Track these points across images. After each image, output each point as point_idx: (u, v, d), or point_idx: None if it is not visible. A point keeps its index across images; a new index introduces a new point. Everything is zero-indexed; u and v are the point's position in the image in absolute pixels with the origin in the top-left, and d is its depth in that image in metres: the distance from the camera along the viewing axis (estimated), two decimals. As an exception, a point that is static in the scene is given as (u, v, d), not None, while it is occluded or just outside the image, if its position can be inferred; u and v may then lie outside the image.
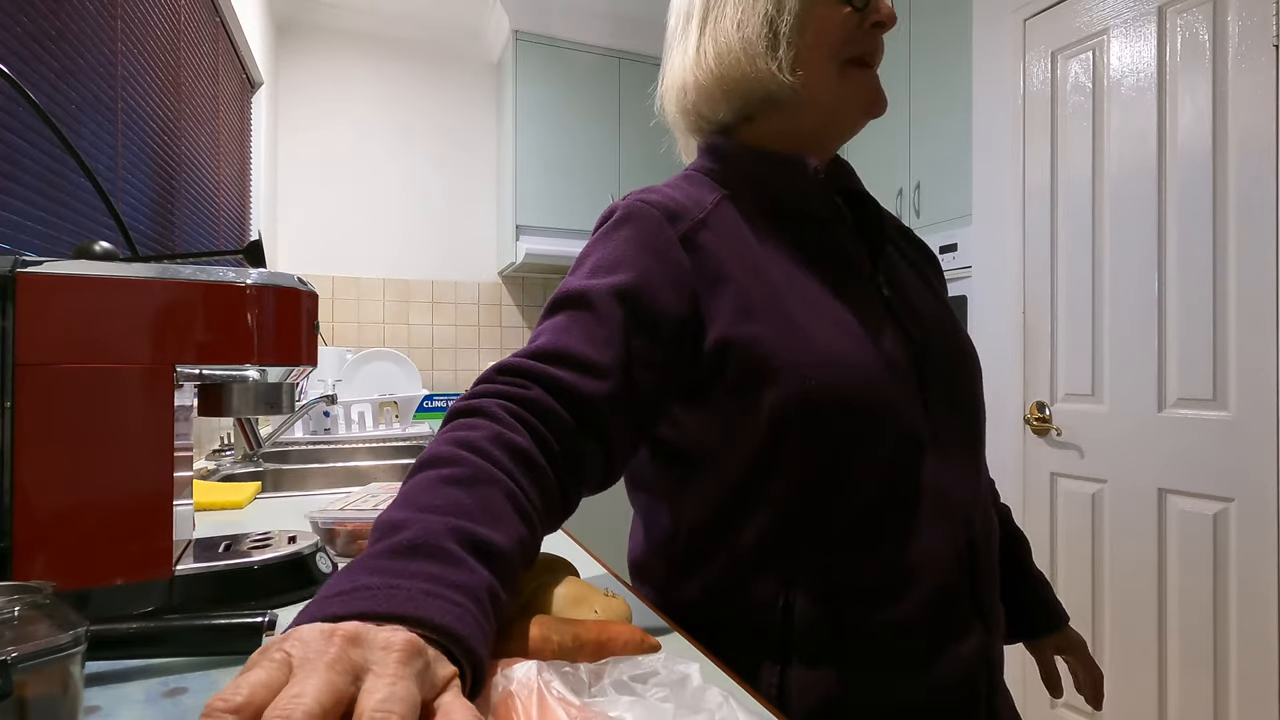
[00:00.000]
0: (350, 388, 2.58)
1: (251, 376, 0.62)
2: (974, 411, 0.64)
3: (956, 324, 0.68)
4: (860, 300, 0.60)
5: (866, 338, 0.57)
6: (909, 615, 0.55)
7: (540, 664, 0.36)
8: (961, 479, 0.59)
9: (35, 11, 1.00)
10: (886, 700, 0.55)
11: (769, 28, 0.58)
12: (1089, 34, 1.73)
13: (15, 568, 0.53)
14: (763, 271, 0.58)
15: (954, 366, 0.62)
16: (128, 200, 1.36)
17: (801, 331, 0.56)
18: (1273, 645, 1.39)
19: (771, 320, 0.56)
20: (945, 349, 0.62)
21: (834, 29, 0.58)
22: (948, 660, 0.56)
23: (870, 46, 0.59)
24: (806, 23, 0.58)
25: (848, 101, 0.60)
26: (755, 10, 0.58)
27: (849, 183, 0.65)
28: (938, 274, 0.75)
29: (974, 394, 0.65)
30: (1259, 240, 1.41)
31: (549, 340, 0.53)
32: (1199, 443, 1.51)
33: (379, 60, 3.07)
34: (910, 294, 0.64)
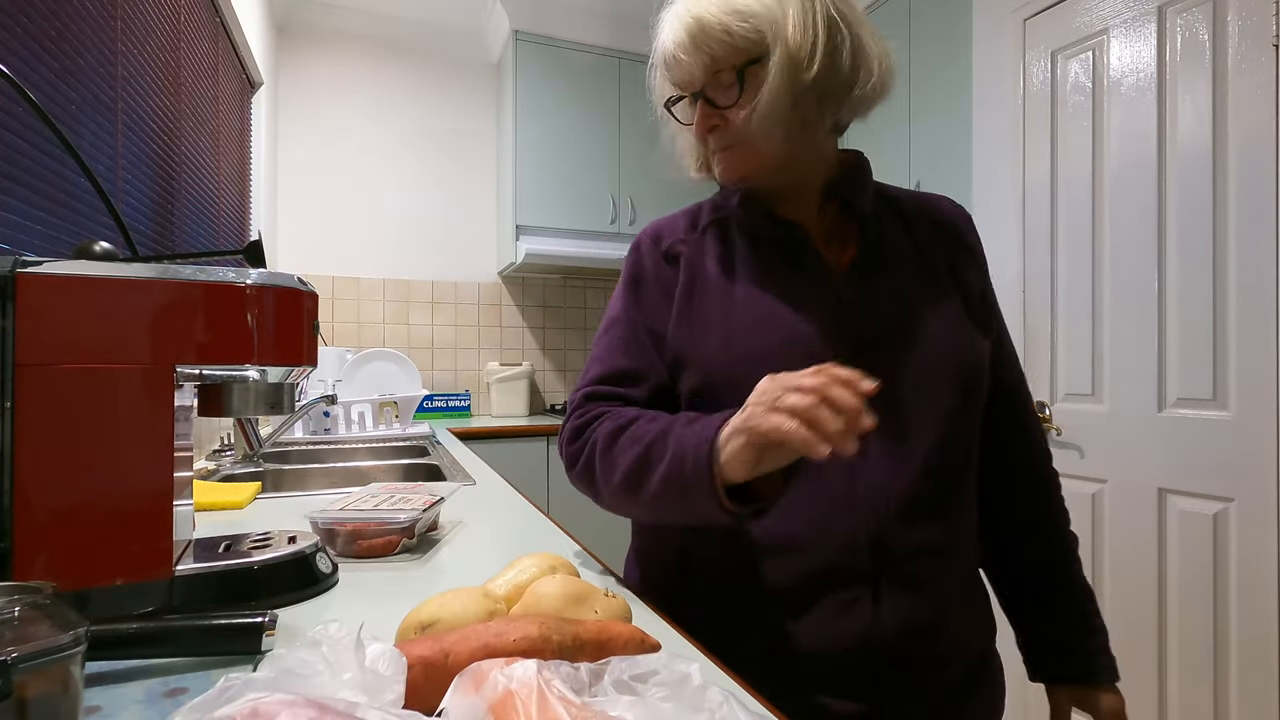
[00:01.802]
0: (350, 388, 2.58)
1: (251, 376, 0.62)
2: (928, 399, 0.67)
3: (935, 328, 0.69)
4: (802, 306, 0.69)
5: (786, 337, 0.68)
6: (779, 582, 0.65)
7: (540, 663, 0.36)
8: (875, 471, 0.65)
9: (35, 11, 1.00)
10: (767, 653, 0.65)
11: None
12: (1089, 34, 1.73)
13: (15, 568, 0.53)
14: (715, 283, 0.73)
15: (914, 359, 0.67)
16: (128, 200, 1.36)
17: (716, 331, 0.71)
18: (1273, 645, 1.39)
19: (697, 324, 0.72)
20: (908, 343, 0.67)
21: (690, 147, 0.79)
22: (824, 639, 0.64)
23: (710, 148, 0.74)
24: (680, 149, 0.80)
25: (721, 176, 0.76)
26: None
27: (852, 196, 0.73)
28: (970, 266, 0.76)
29: (932, 383, 0.67)
30: (1259, 240, 1.41)
31: (602, 365, 0.76)
32: (1199, 443, 1.51)
33: (379, 60, 3.07)
34: (890, 290, 0.70)
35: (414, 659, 0.40)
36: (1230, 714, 1.45)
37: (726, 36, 0.66)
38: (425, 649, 0.42)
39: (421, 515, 0.83)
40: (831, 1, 0.68)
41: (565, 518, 1.25)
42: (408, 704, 0.38)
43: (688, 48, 0.68)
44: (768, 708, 0.47)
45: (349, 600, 0.67)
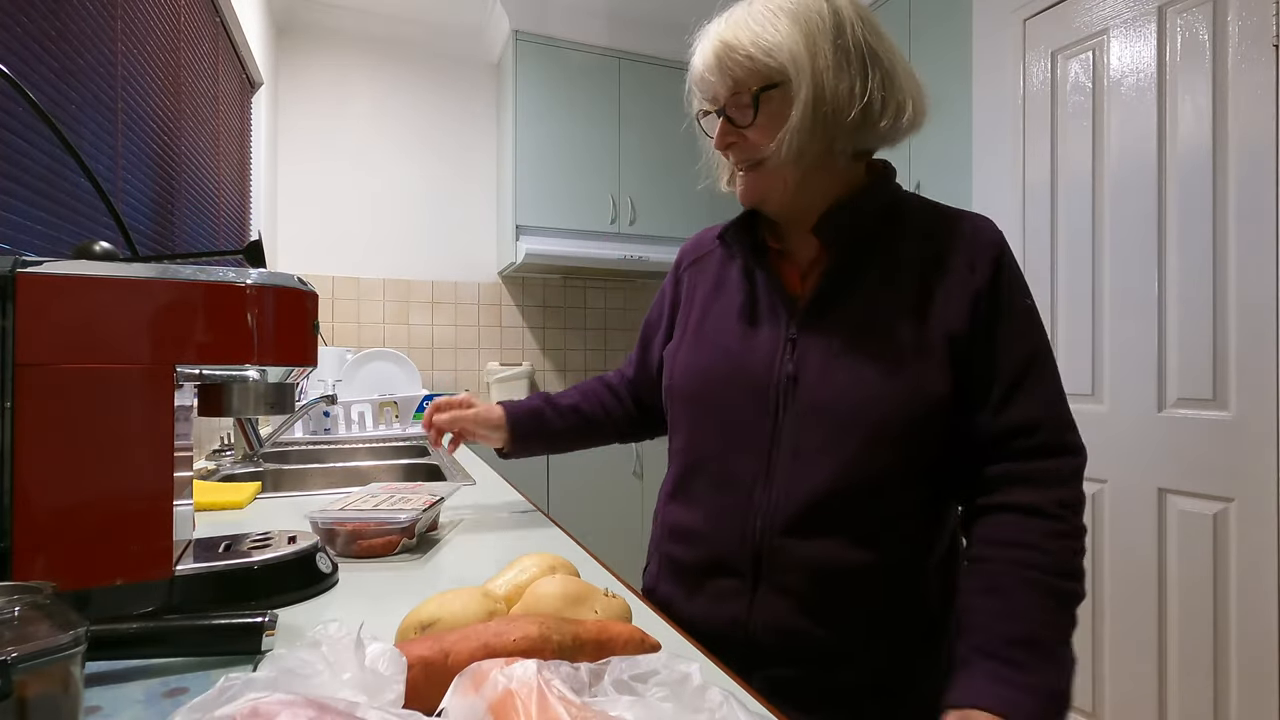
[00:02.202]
0: (350, 388, 2.58)
1: (251, 376, 0.62)
2: (834, 435, 0.71)
3: (861, 371, 0.71)
4: (758, 338, 0.78)
5: (734, 367, 0.78)
6: (687, 566, 0.79)
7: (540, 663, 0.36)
8: (773, 490, 0.73)
9: (35, 11, 1.00)
10: (674, 616, 0.74)
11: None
12: (1089, 34, 1.73)
13: (15, 568, 0.53)
14: (699, 304, 0.86)
15: (826, 399, 0.72)
16: (128, 200, 1.36)
17: (686, 346, 0.84)
18: (1273, 645, 1.39)
19: (678, 340, 0.87)
20: (824, 384, 0.73)
21: (721, 162, 0.84)
22: (710, 616, 0.76)
23: (733, 166, 0.80)
24: (713, 162, 0.85)
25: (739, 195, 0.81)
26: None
27: (829, 229, 0.76)
28: (957, 302, 0.72)
29: (845, 420, 0.71)
30: (1259, 240, 1.41)
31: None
32: (1199, 443, 1.51)
33: (379, 60, 3.07)
34: (835, 332, 0.74)
35: (414, 659, 0.40)
36: (1230, 714, 1.45)
37: (749, 61, 0.71)
38: (425, 649, 0.42)
39: (421, 515, 0.83)
40: (864, 36, 0.72)
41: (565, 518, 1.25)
42: (408, 704, 0.38)
43: (713, 68, 0.74)
44: (767, 708, 0.47)
45: (349, 600, 0.67)
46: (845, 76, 0.71)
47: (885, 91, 0.73)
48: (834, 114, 0.71)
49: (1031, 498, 0.69)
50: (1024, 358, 0.72)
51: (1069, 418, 0.74)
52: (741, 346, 0.78)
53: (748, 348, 0.78)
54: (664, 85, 3.02)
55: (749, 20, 0.73)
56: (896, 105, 0.74)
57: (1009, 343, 0.72)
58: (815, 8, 0.72)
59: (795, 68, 0.70)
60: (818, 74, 0.70)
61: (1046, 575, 0.65)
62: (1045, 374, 0.74)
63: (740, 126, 0.74)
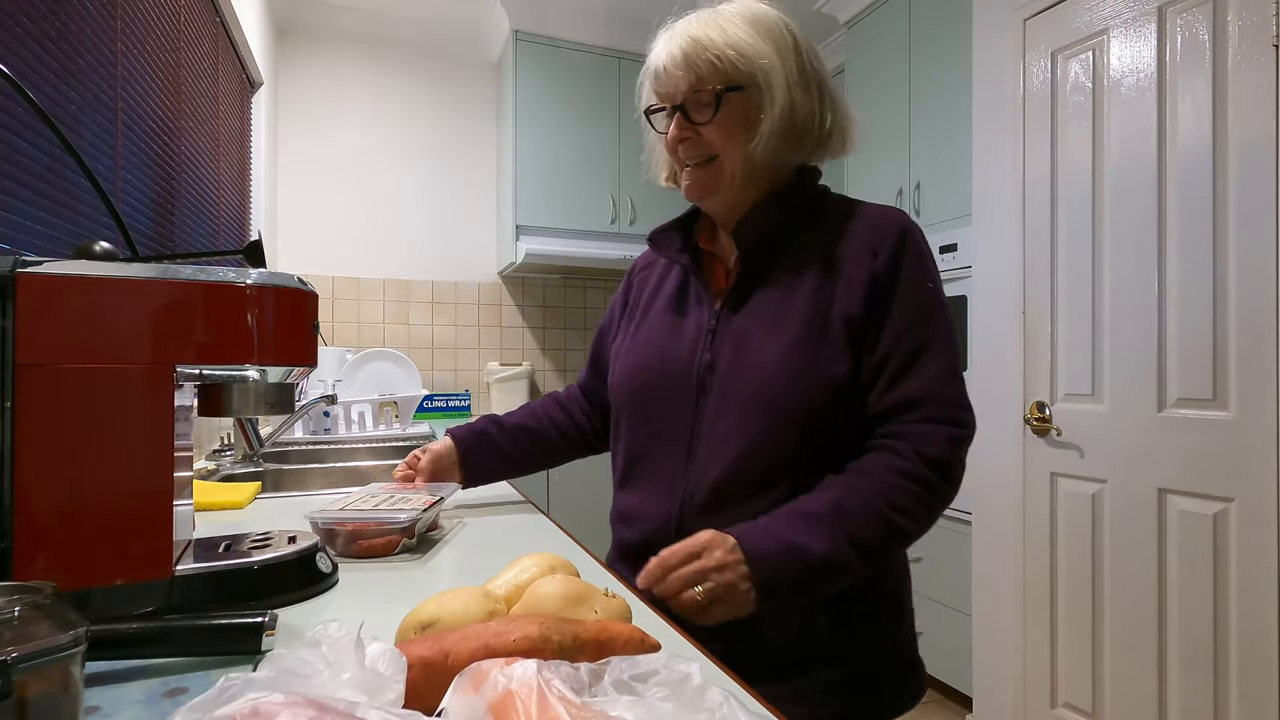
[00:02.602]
0: (350, 388, 2.58)
1: (251, 376, 0.62)
2: (740, 417, 0.76)
3: (763, 357, 0.76)
4: (684, 332, 0.84)
5: (661, 359, 0.84)
6: (627, 547, 0.84)
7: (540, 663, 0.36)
8: (694, 470, 0.78)
9: (35, 11, 1.00)
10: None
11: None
12: (1089, 34, 1.73)
13: (15, 568, 0.53)
14: (643, 306, 0.92)
15: (734, 384, 0.77)
16: (128, 200, 1.36)
17: (625, 347, 0.90)
18: (1273, 645, 1.39)
19: (620, 342, 0.93)
20: (732, 369, 0.78)
21: (663, 157, 0.89)
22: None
23: (679, 159, 0.83)
24: (656, 157, 0.91)
25: (685, 190, 0.85)
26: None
27: (740, 233, 0.82)
28: (854, 290, 0.76)
29: (749, 401, 0.76)
30: (1259, 240, 1.41)
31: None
32: (1199, 443, 1.51)
33: (379, 60, 3.07)
34: (747, 322, 0.79)
35: (414, 659, 0.40)
36: (1230, 713, 1.45)
37: (718, 60, 0.75)
38: (425, 649, 0.42)
39: (421, 515, 0.83)
40: (814, 62, 0.80)
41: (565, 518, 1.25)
42: (408, 704, 0.37)
43: (679, 63, 0.77)
44: (768, 708, 0.47)
45: (349, 600, 0.67)
46: (808, 95, 0.78)
47: (833, 115, 0.80)
48: (802, 125, 0.77)
49: (893, 444, 0.74)
50: (918, 338, 0.75)
51: (959, 396, 0.76)
52: (670, 342, 0.84)
53: (675, 343, 0.83)
54: (664, 85, 3.02)
55: (720, 22, 0.76)
56: (843, 133, 0.81)
57: (904, 323, 0.75)
58: (778, 26, 0.78)
59: (766, 76, 0.75)
60: (788, 84, 0.75)
61: (863, 487, 0.71)
62: (938, 353, 0.75)
63: (697, 123, 0.78)
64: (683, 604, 0.67)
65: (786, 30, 0.78)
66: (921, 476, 0.72)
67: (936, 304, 0.77)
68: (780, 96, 0.75)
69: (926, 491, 0.72)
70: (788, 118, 0.76)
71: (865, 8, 2.67)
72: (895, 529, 0.71)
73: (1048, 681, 1.82)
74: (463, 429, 1.05)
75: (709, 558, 0.67)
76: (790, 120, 0.76)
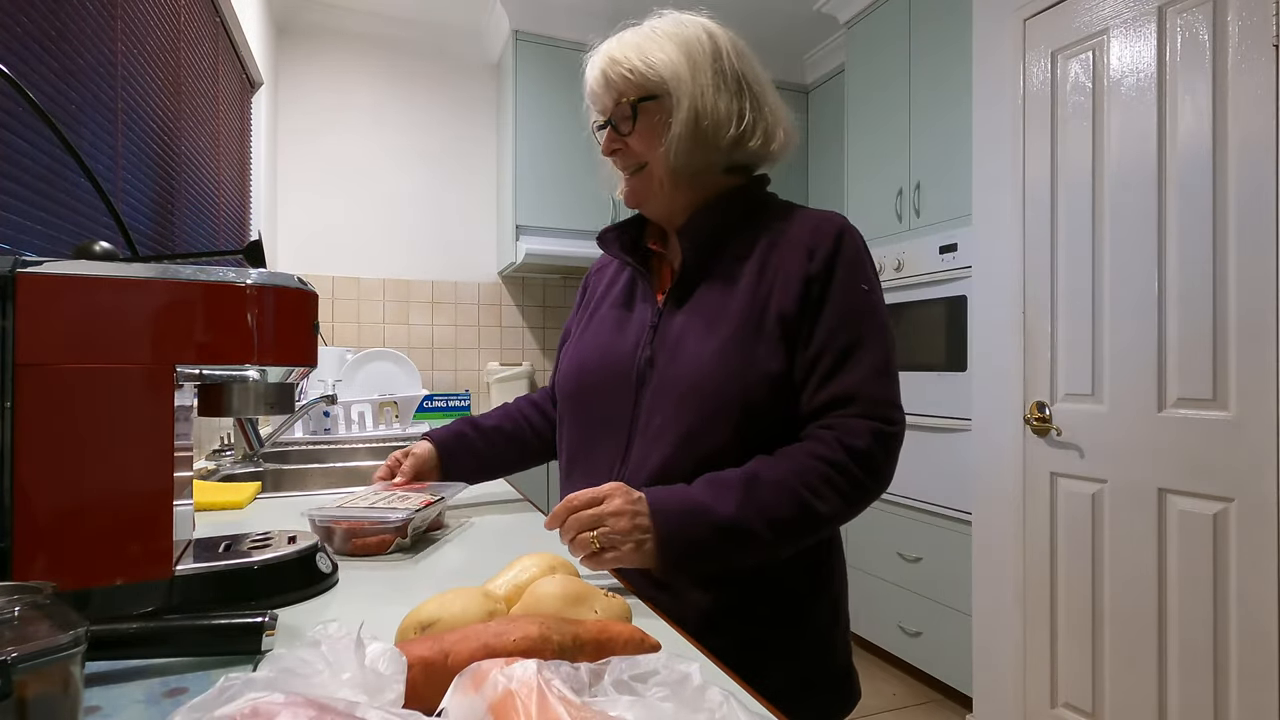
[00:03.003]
0: (350, 388, 2.58)
1: (251, 376, 0.62)
2: (676, 411, 0.78)
3: (699, 354, 0.78)
4: (629, 330, 0.86)
5: (604, 352, 0.86)
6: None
7: (540, 663, 0.36)
8: (631, 465, 0.80)
9: (35, 11, 1.00)
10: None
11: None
12: (1089, 34, 1.73)
13: (15, 568, 0.53)
14: (593, 306, 0.94)
15: (671, 377, 0.79)
16: (128, 200, 1.36)
17: (572, 347, 0.93)
18: (1273, 645, 1.39)
19: (568, 341, 0.96)
20: (670, 364, 0.80)
21: (614, 172, 0.91)
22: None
23: (618, 166, 0.88)
24: (608, 172, 0.93)
25: (624, 198, 0.90)
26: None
27: (684, 234, 0.84)
28: (791, 289, 0.78)
29: (686, 394, 0.78)
30: (1259, 240, 1.41)
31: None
32: (1199, 443, 1.51)
33: (379, 60, 3.07)
34: (687, 318, 0.81)
35: (414, 659, 0.40)
36: (1230, 713, 1.45)
37: (631, 74, 0.81)
38: (425, 649, 0.42)
39: (415, 515, 0.83)
40: (738, 64, 0.82)
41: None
42: (408, 704, 0.37)
43: (600, 81, 0.84)
44: (768, 708, 0.47)
45: (349, 600, 0.67)
46: (723, 97, 0.80)
47: (756, 114, 0.82)
48: (713, 129, 0.80)
49: (820, 434, 0.75)
50: (850, 336, 0.77)
51: (889, 394, 0.77)
52: (613, 340, 0.86)
53: (618, 340, 0.86)
54: (664, 85, 3.02)
55: (634, 39, 0.83)
56: (765, 130, 0.83)
57: (837, 322, 0.77)
58: (695, 33, 0.82)
59: (675, 83, 0.79)
60: (698, 90, 0.79)
61: (781, 466, 0.73)
62: (871, 351, 0.77)
63: (623, 135, 0.84)
64: (577, 545, 0.69)
65: (706, 36, 0.82)
66: (841, 464, 0.73)
67: (870, 305, 0.79)
68: (687, 101, 0.79)
69: (843, 480, 0.73)
70: (694, 121, 0.79)
71: (865, 8, 2.67)
72: (807, 508, 0.72)
73: (1048, 681, 1.82)
74: (440, 431, 1.06)
75: (609, 504, 0.69)
76: (697, 123, 0.79)
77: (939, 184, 2.34)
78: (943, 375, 2.26)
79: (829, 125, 3.26)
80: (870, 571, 2.57)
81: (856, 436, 0.74)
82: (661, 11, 0.85)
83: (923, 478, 2.32)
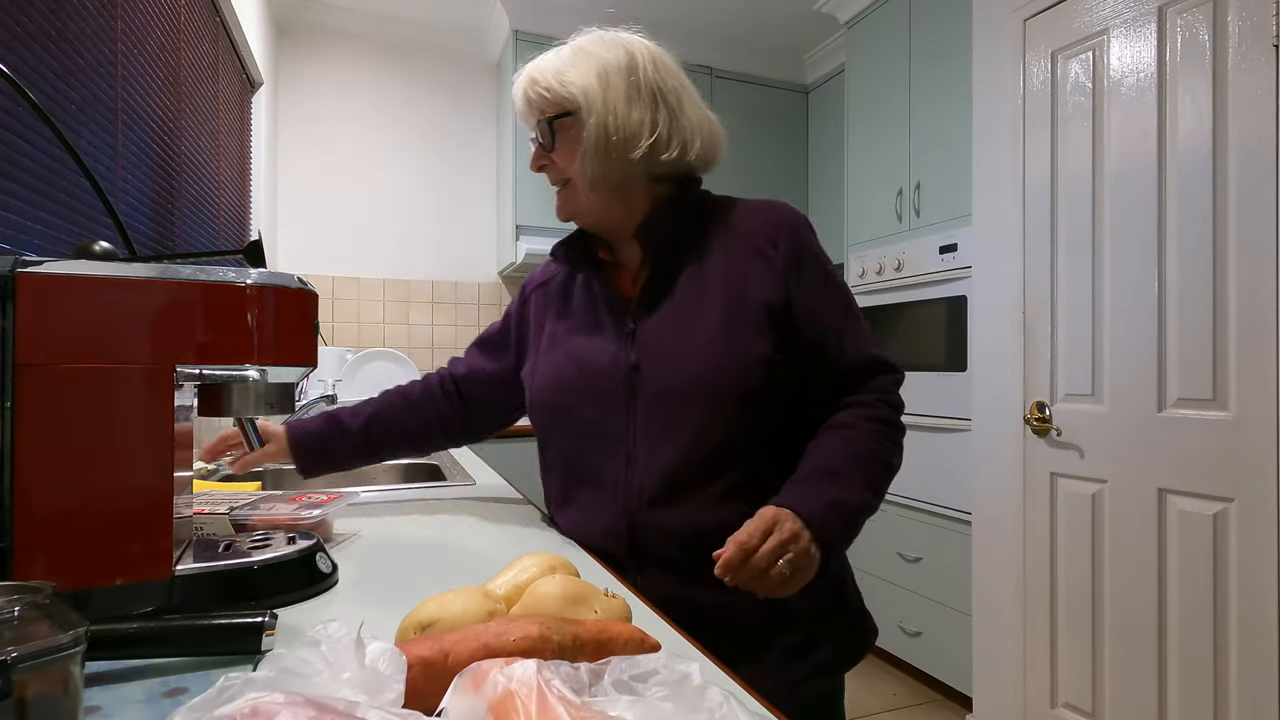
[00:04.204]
0: (350, 388, 2.58)
1: (251, 376, 0.62)
2: (678, 409, 0.80)
3: (690, 348, 0.80)
4: (601, 339, 0.86)
5: (583, 366, 0.86)
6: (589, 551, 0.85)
7: (540, 663, 0.36)
8: (635, 472, 0.81)
9: (35, 11, 1.00)
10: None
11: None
12: (1089, 34, 1.73)
13: (15, 568, 0.53)
14: (549, 323, 0.94)
15: (666, 378, 0.80)
16: (128, 200, 1.36)
17: (540, 363, 0.92)
18: (1273, 645, 1.39)
19: (532, 362, 0.94)
20: (661, 364, 0.81)
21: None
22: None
23: (549, 181, 0.90)
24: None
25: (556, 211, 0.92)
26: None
27: (647, 237, 0.86)
28: (761, 274, 0.82)
29: (685, 392, 0.79)
30: (1259, 240, 1.41)
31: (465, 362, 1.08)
32: (1199, 443, 1.51)
33: (379, 60, 3.07)
34: (665, 319, 0.83)
35: (414, 659, 0.40)
36: (1230, 713, 1.45)
37: (547, 93, 0.83)
38: (425, 649, 0.42)
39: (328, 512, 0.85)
40: (655, 76, 0.84)
41: (565, 518, 1.25)
42: (408, 704, 0.37)
43: (522, 101, 0.86)
44: (767, 708, 0.47)
45: (349, 600, 0.67)
46: (635, 109, 0.82)
47: (671, 125, 0.83)
48: (624, 141, 0.81)
49: (859, 399, 0.84)
50: (841, 310, 0.85)
51: (883, 351, 0.87)
52: (588, 351, 0.87)
53: (594, 351, 0.86)
54: (664, 85, 3.02)
55: (552, 58, 0.85)
56: (683, 141, 0.84)
57: (826, 301, 0.84)
58: (611, 49, 0.84)
59: (586, 98, 0.81)
60: (608, 104, 0.81)
61: (857, 438, 0.80)
62: (855, 320, 0.86)
63: (548, 151, 0.86)
64: (769, 580, 0.69)
65: (623, 52, 0.84)
66: (890, 419, 0.83)
67: (839, 282, 0.87)
68: (597, 114, 0.81)
69: (895, 431, 0.84)
70: (604, 134, 0.81)
71: (865, 8, 2.67)
72: (889, 465, 0.81)
73: (1048, 681, 1.82)
74: (301, 424, 1.02)
75: (781, 530, 0.70)
76: (606, 136, 0.81)
77: (939, 184, 2.34)
78: (943, 375, 2.26)
79: (829, 125, 3.26)
80: (870, 571, 2.57)
81: (887, 392, 0.84)
82: (587, 29, 0.88)
83: (923, 478, 2.32)
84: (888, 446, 0.82)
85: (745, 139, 3.19)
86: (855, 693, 2.37)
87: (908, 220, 2.47)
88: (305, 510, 0.84)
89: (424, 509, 1.08)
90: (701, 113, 0.88)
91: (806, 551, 0.70)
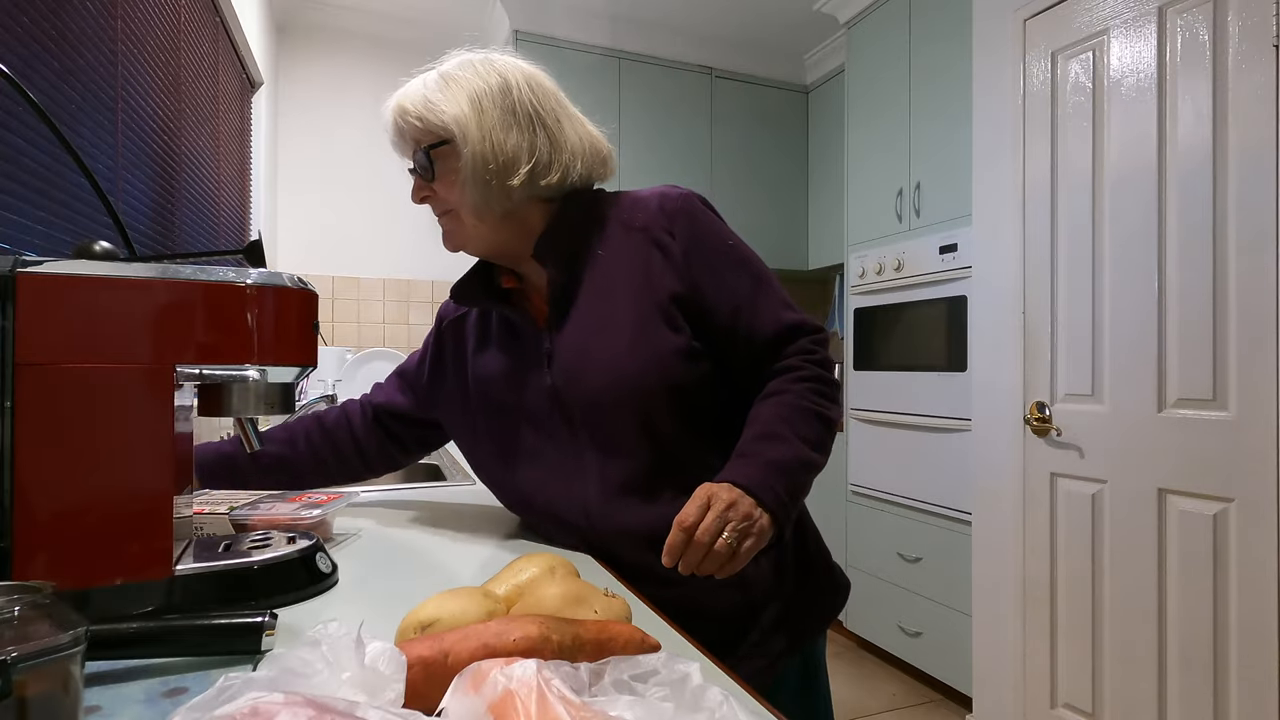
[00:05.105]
0: (350, 388, 2.58)
1: (251, 376, 0.62)
2: (611, 418, 0.79)
3: (602, 353, 0.79)
4: (522, 360, 0.85)
5: (510, 396, 0.86)
6: (529, 525, 0.89)
7: (540, 663, 0.36)
8: (598, 478, 0.80)
9: (35, 11, 1.00)
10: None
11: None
12: (1089, 34, 1.73)
13: (15, 568, 0.53)
14: (469, 360, 0.92)
15: (590, 391, 0.80)
16: (128, 200, 1.36)
17: (470, 410, 0.91)
18: (1273, 645, 1.39)
19: (460, 405, 0.92)
20: (583, 379, 0.80)
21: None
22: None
23: (433, 211, 0.88)
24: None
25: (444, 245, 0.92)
26: None
27: (543, 258, 0.83)
28: (662, 264, 0.81)
29: (616, 401, 0.78)
30: (1259, 241, 1.41)
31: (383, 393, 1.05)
32: (1199, 443, 1.51)
33: (379, 60, 3.07)
34: (578, 333, 0.82)
35: (414, 659, 0.40)
36: (1230, 713, 1.45)
37: (419, 123, 0.81)
38: (425, 649, 0.42)
39: (328, 512, 0.85)
40: (530, 99, 0.81)
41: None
42: (408, 704, 0.37)
43: (394, 132, 0.85)
44: (767, 708, 0.47)
45: (349, 600, 0.67)
46: (513, 134, 0.80)
47: (552, 148, 0.82)
48: (503, 168, 0.79)
49: (783, 365, 0.83)
50: (749, 282, 0.83)
51: (802, 313, 0.86)
52: (513, 383, 0.86)
53: (518, 382, 0.85)
54: (664, 85, 3.02)
55: (421, 87, 0.83)
56: (563, 165, 0.82)
57: (731, 277, 0.82)
58: (483, 74, 0.81)
59: (460, 126, 0.79)
60: (483, 131, 0.78)
61: (785, 400, 0.79)
62: (768, 288, 0.84)
63: (429, 182, 0.84)
64: (717, 554, 0.67)
65: (495, 74, 0.81)
66: (819, 375, 0.82)
67: (742, 254, 0.84)
68: (472, 143, 0.78)
69: (827, 386, 0.82)
70: (481, 162, 0.78)
71: (865, 8, 2.67)
72: (823, 419, 0.80)
73: (1048, 681, 1.82)
74: (208, 449, 0.98)
75: (718, 502, 0.69)
76: (484, 164, 0.78)
77: (939, 184, 2.34)
78: (943, 375, 2.26)
79: (829, 125, 3.26)
80: (870, 571, 2.57)
81: (811, 352, 0.84)
82: (453, 53, 0.85)
83: (922, 478, 2.32)
84: (819, 401, 0.80)
85: (745, 139, 3.19)
86: (855, 693, 2.37)
87: (908, 220, 2.47)
88: (305, 510, 0.84)
89: (424, 509, 1.08)
90: (584, 130, 0.86)
91: (749, 515, 0.69)
